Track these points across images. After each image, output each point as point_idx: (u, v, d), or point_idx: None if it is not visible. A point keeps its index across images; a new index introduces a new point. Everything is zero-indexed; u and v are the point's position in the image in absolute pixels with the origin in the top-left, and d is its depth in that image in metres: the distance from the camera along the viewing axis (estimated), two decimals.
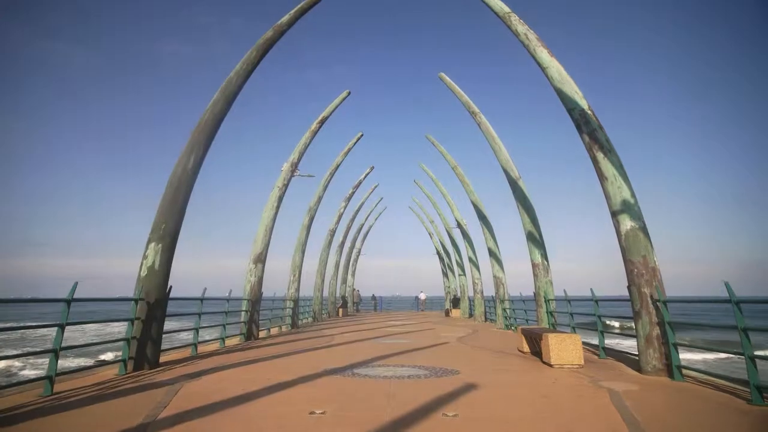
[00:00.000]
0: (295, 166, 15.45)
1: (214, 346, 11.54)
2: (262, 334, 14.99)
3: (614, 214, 8.15)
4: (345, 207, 27.31)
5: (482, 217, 20.06)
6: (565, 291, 11.56)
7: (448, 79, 16.09)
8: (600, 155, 8.41)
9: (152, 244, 8.28)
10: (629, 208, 8.00)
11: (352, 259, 41.52)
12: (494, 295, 19.12)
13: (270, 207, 14.69)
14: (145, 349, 7.78)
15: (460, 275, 30.27)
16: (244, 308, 13.41)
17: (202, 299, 10.39)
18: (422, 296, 43.19)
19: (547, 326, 12.69)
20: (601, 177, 8.39)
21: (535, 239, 13.60)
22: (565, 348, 8.09)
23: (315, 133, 16.21)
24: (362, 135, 22.37)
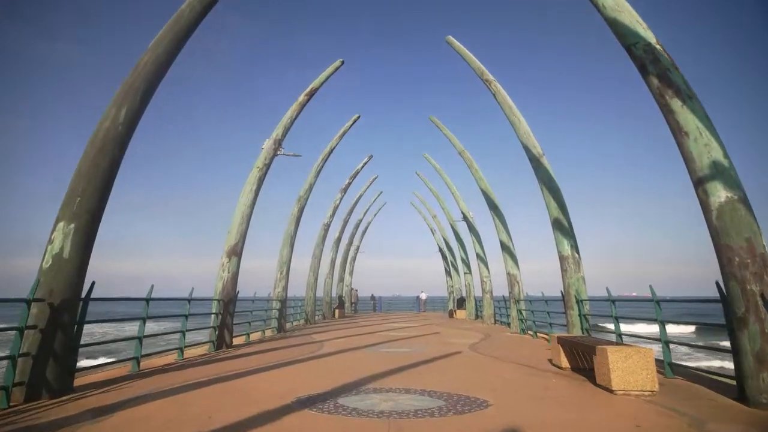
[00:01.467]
0: (278, 144, 13.19)
1: (172, 357, 9.29)
2: (239, 340, 12.76)
3: (700, 183, 5.90)
4: (341, 199, 25.05)
5: (493, 207, 17.82)
6: (608, 289, 9.33)
7: (456, 43, 13.84)
8: (676, 103, 6.16)
9: (62, 224, 5.97)
10: (722, 173, 5.75)
11: (349, 257, 39.29)
12: (508, 294, 16.87)
13: (248, 191, 12.43)
14: (44, 371, 5.51)
15: (465, 273, 28.02)
16: (213, 310, 11.15)
17: (148, 300, 8.13)
18: (423, 296, 41.05)
19: (582, 333, 10.46)
20: (679, 133, 6.14)
21: (563, 227, 11.36)
22: (632, 367, 5.84)
23: (303, 105, 13.95)
24: (359, 117, 20.13)
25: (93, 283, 6.40)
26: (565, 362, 7.82)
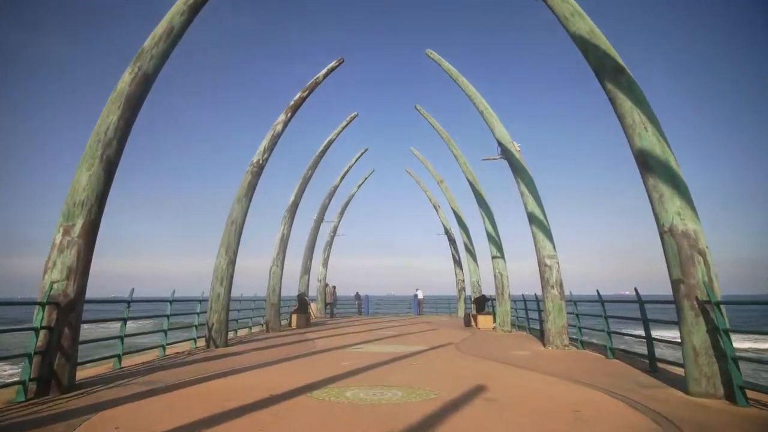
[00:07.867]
0: None
1: None
2: None
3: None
4: (285, 123, 14.21)
5: (615, 71, 7.21)
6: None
7: None
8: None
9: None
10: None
11: (321, 240, 28.74)
12: (680, 285, 6.25)
13: None
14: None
15: (494, 258, 17.43)
16: None
17: None
18: (420, 295, 30.77)
19: None
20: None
21: None
22: None
23: None
24: None
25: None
26: None
